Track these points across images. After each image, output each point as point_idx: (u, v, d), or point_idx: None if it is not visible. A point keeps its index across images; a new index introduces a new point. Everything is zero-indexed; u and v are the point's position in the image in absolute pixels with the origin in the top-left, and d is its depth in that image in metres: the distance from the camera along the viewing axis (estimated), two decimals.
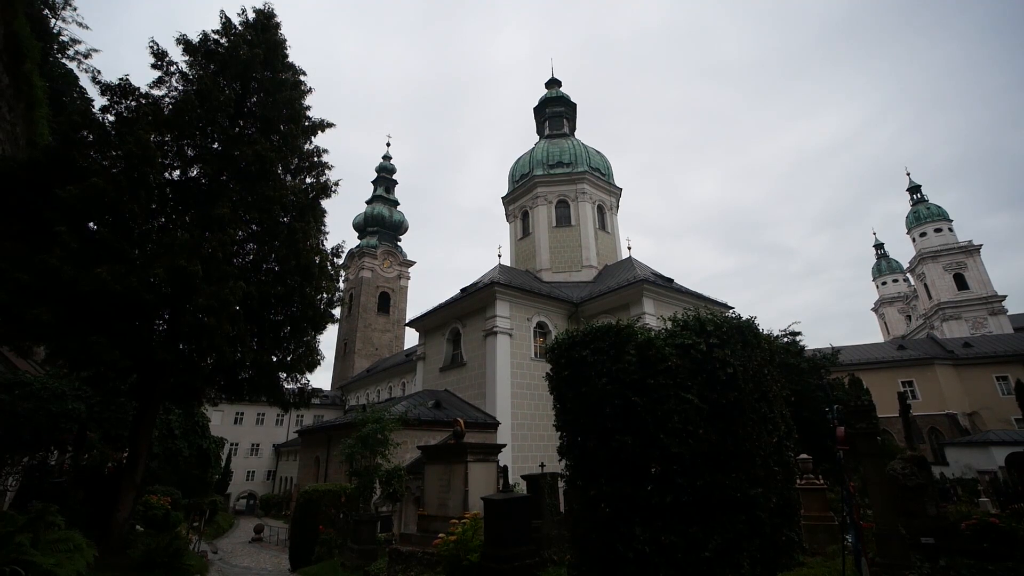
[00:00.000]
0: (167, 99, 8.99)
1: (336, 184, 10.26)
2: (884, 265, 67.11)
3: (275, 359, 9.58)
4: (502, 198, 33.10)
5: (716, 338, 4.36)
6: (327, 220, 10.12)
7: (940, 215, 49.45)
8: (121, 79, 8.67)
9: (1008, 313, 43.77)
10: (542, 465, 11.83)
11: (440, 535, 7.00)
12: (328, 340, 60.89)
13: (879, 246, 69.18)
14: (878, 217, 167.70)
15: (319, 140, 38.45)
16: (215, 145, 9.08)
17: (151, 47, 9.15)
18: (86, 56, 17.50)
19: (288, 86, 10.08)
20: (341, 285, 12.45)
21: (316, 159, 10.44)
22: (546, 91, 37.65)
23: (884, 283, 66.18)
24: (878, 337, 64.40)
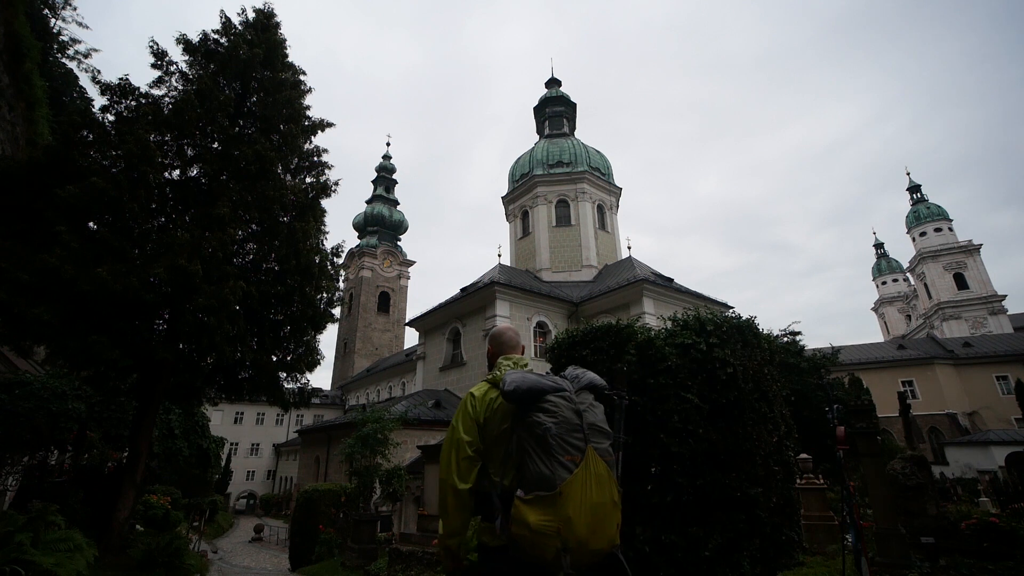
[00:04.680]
0: (167, 99, 8.97)
1: (336, 183, 10.25)
2: (884, 265, 67.07)
3: (275, 359, 9.56)
4: (502, 198, 33.10)
5: (716, 338, 4.35)
6: (327, 220, 10.11)
7: (940, 215, 49.41)
8: (121, 79, 8.66)
9: (1008, 313, 43.75)
10: None
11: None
12: (328, 340, 60.99)
13: (879, 245, 69.15)
14: (884, 213, 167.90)
15: (319, 139, 38.45)
16: (215, 145, 9.07)
17: (151, 47, 9.14)
18: (86, 56, 17.51)
19: (288, 86, 10.07)
20: (341, 285, 12.44)
21: (316, 159, 10.43)
22: (546, 91, 37.67)
23: (884, 283, 66.15)
24: (878, 337, 64.39)
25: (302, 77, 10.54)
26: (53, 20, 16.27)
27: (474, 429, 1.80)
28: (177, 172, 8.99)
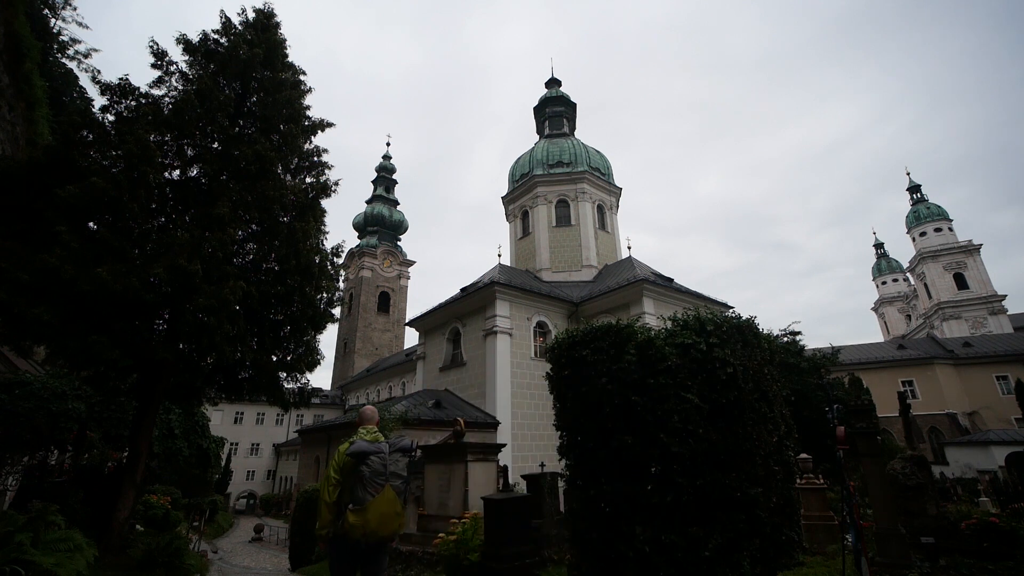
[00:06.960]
0: (167, 99, 8.96)
1: (336, 183, 10.23)
2: (884, 265, 67.08)
3: (275, 359, 9.55)
4: (502, 198, 33.11)
5: (716, 337, 4.35)
6: (327, 220, 10.10)
7: (940, 215, 49.43)
8: (121, 79, 8.65)
9: (1008, 313, 43.76)
10: (542, 465, 11.83)
11: (440, 535, 7.00)
12: (328, 340, 61.08)
13: (879, 245, 69.19)
14: (884, 213, 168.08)
15: (319, 139, 38.45)
16: (215, 145, 9.06)
17: (151, 47, 9.13)
18: (86, 56, 17.53)
19: (288, 86, 10.06)
20: (341, 285, 12.43)
21: (316, 159, 10.42)
22: (546, 91, 37.69)
23: (884, 283, 66.17)
24: (878, 336, 64.43)
25: (302, 77, 10.53)
26: (53, 20, 16.28)
27: (338, 469, 3.41)
28: (177, 172, 8.97)
